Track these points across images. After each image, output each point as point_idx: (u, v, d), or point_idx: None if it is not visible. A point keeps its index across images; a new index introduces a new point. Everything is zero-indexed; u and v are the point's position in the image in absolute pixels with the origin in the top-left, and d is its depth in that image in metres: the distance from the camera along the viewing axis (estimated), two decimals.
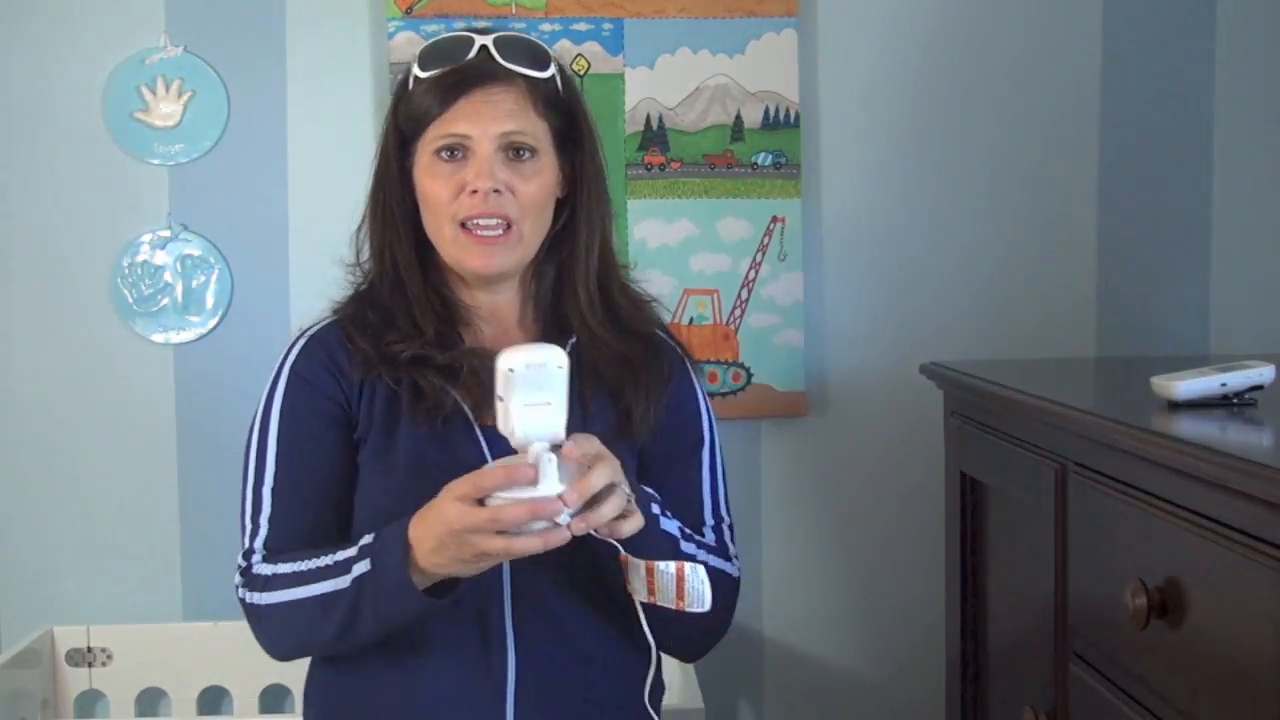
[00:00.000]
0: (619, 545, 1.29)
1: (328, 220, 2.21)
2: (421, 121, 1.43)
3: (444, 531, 1.24)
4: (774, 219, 2.23)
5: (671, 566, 1.29)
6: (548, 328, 1.50)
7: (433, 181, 1.42)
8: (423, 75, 1.43)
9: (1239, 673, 1.09)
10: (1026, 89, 2.25)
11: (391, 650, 1.41)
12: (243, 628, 2.14)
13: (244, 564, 1.43)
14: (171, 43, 2.19)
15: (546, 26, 2.18)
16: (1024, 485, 1.58)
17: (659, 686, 1.54)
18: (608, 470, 1.26)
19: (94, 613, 2.23)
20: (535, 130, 1.43)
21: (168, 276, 2.21)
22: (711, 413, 1.57)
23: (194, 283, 2.22)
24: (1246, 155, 2.27)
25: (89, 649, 2.21)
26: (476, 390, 1.41)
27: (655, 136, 2.21)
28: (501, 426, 1.24)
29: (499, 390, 1.23)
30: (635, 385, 1.47)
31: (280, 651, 1.44)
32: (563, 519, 1.22)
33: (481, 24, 1.55)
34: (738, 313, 2.23)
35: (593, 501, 1.24)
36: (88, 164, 2.20)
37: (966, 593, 1.84)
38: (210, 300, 2.22)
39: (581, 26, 2.19)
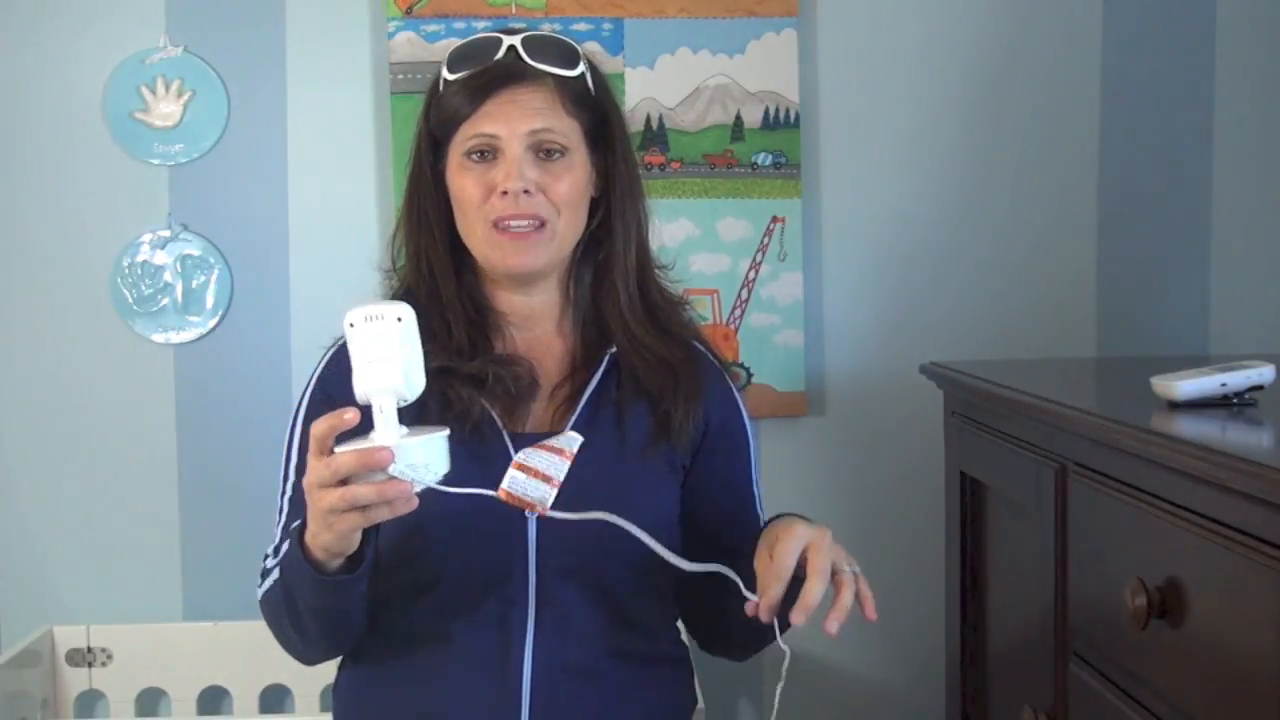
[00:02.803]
0: (495, 495, 1.26)
1: (328, 220, 2.23)
2: (451, 123, 1.42)
3: (307, 494, 1.21)
4: (774, 219, 2.23)
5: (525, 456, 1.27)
6: (587, 331, 1.48)
7: (464, 182, 1.41)
8: (451, 77, 1.42)
9: (1239, 673, 1.09)
10: (1026, 89, 2.25)
11: (413, 652, 1.41)
12: (243, 628, 2.18)
13: (261, 567, 1.43)
14: (171, 43, 2.19)
15: (546, 27, 2.17)
16: (1024, 485, 1.58)
17: (691, 699, 1.54)
18: (826, 558, 1.26)
19: (94, 613, 2.23)
20: (565, 129, 1.41)
21: (168, 276, 2.21)
22: (750, 423, 1.56)
23: (194, 283, 2.21)
24: (1246, 155, 2.27)
25: (89, 649, 2.21)
26: (504, 398, 1.40)
27: (655, 136, 2.21)
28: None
29: (349, 349, 1.22)
30: (674, 390, 1.44)
31: (281, 645, 1.43)
32: (396, 472, 1.17)
33: (513, 24, 1.53)
34: (738, 313, 2.23)
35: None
36: (88, 164, 2.20)
37: (966, 593, 1.84)
38: (210, 300, 2.22)
39: (581, 26, 2.19)
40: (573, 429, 1.40)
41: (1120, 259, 2.28)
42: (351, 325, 1.20)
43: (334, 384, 1.44)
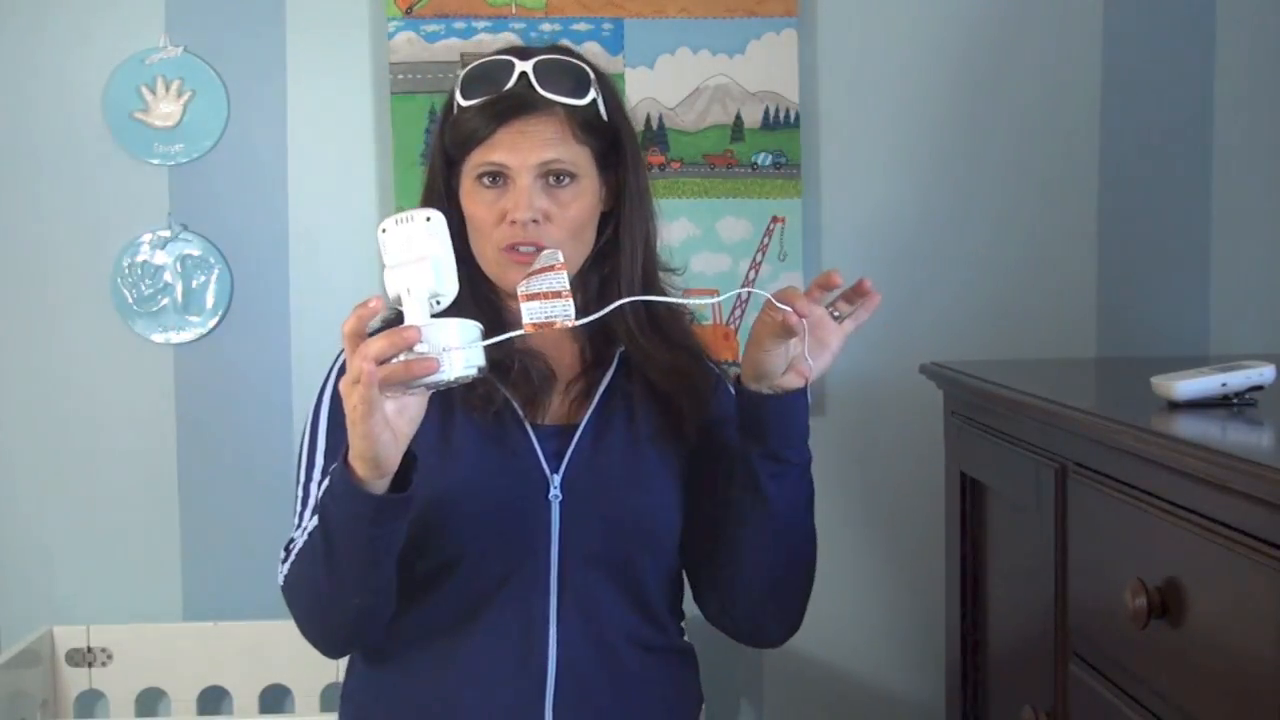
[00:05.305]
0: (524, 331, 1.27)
1: (328, 220, 2.23)
2: (464, 147, 1.45)
3: (345, 405, 1.21)
4: (774, 219, 2.23)
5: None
6: (594, 339, 1.53)
7: (475, 206, 1.44)
8: (465, 103, 1.44)
9: (1239, 673, 1.09)
10: (1026, 89, 2.25)
11: (434, 636, 1.43)
12: (243, 628, 2.18)
13: (284, 554, 1.43)
14: (171, 43, 2.19)
15: (546, 26, 2.18)
16: (1024, 485, 1.58)
17: (697, 699, 1.58)
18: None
19: (94, 613, 2.23)
20: (574, 156, 1.44)
21: (168, 276, 2.21)
22: None
23: (194, 283, 2.22)
24: (1246, 155, 2.27)
25: (89, 649, 2.21)
26: (526, 387, 1.45)
27: (655, 136, 2.21)
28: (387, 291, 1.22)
29: (383, 258, 1.22)
30: (685, 391, 1.50)
31: (308, 624, 1.41)
32: (429, 351, 1.17)
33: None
34: (738, 313, 2.23)
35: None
36: (88, 164, 2.20)
37: (966, 593, 1.84)
38: (210, 300, 2.22)
39: (581, 26, 2.19)
40: (589, 421, 1.46)
41: (1120, 259, 2.28)
42: (384, 230, 1.22)
43: None
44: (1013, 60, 2.25)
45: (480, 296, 1.48)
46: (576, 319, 1.25)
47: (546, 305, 1.24)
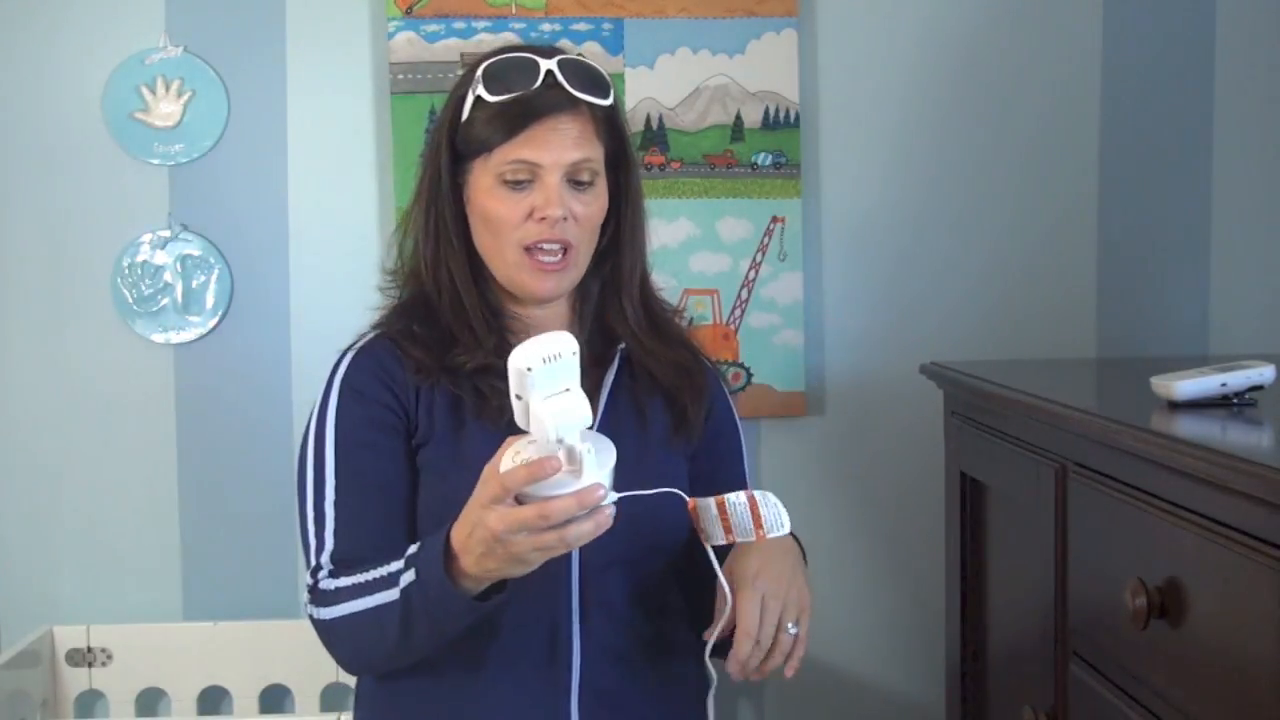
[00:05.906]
0: (684, 494, 1.32)
1: (328, 220, 2.23)
2: (485, 145, 1.44)
3: (489, 538, 1.22)
4: (774, 219, 2.23)
5: (742, 496, 1.30)
6: (594, 339, 1.54)
7: (498, 205, 1.44)
8: (491, 99, 1.43)
9: (1239, 673, 1.09)
10: (1026, 89, 2.25)
11: (456, 654, 1.42)
12: (243, 628, 2.18)
13: (311, 581, 1.43)
14: (171, 43, 2.19)
15: (546, 26, 2.18)
16: (1024, 485, 1.58)
17: (706, 682, 1.58)
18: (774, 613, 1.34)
19: (94, 613, 2.23)
20: (596, 156, 1.46)
21: (168, 276, 2.21)
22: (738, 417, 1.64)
23: (194, 283, 2.21)
24: (1246, 155, 2.27)
25: (89, 649, 2.21)
26: None
27: (655, 136, 2.21)
28: (521, 423, 1.22)
29: (515, 390, 1.21)
30: (689, 388, 1.53)
31: (352, 665, 1.45)
32: (608, 501, 1.22)
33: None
34: (738, 313, 2.23)
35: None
36: (88, 164, 2.20)
37: (966, 593, 1.84)
38: (210, 300, 2.22)
39: (581, 26, 2.19)
40: (598, 424, 1.46)
41: (1120, 259, 2.28)
42: (530, 369, 1.19)
43: (362, 382, 1.47)
44: (1013, 60, 2.25)
45: (484, 301, 1.49)
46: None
47: (715, 521, 1.30)
